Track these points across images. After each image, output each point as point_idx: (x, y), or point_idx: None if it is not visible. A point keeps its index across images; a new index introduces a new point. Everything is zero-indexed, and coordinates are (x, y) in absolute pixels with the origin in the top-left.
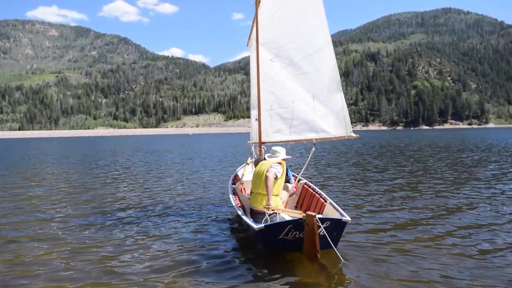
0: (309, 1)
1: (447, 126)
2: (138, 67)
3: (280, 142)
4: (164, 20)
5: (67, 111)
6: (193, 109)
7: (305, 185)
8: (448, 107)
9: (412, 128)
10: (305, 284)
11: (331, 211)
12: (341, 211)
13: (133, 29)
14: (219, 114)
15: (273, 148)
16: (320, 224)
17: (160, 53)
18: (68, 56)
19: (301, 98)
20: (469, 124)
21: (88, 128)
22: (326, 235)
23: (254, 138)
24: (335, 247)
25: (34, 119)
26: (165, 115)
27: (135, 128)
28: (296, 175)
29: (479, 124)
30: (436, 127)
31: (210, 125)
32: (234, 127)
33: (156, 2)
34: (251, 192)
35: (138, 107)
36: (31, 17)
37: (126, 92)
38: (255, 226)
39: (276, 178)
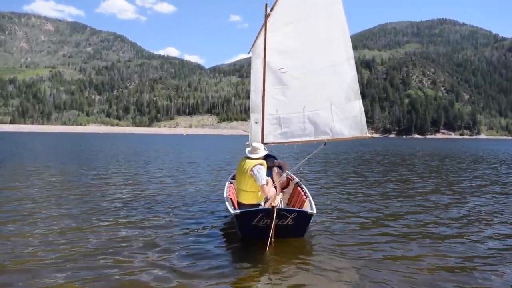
0: (332, 19)
1: (439, 135)
2: (133, 65)
3: (287, 143)
4: (161, 19)
5: (59, 106)
6: (187, 110)
7: (296, 184)
8: (441, 117)
9: (404, 137)
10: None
11: (308, 206)
12: (313, 205)
13: (130, 27)
14: (212, 116)
15: (254, 145)
16: (283, 215)
17: (156, 52)
18: (63, 51)
19: (314, 105)
20: (461, 134)
21: (80, 125)
22: (293, 225)
23: (254, 139)
24: (303, 236)
25: (26, 113)
26: (159, 115)
27: (127, 126)
28: (291, 174)
29: (470, 135)
30: (428, 136)
31: (203, 126)
32: (228, 129)
33: (154, 1)
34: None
35: (132, 105)
36: (27, 10)
37: (120, 89)
38: (232, 211)
39: (263, 185)
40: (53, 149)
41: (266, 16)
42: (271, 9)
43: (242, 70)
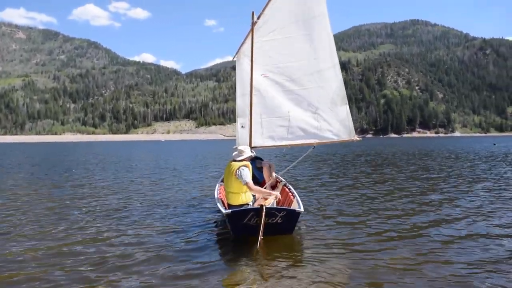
0: (317, 28)
1: (415, 134)
2: (108, 72)
3: (274, 146)
4: (135, 25)
5: (33, 116)
6: (164, 115)
7: (284, 185)
8: (416, 116)
9: (381, 136)
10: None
11: (296, 205)
12: (300, 204)
13: (103, 33)
14: (190, 121)
15: (239, 148)
16: (272, 214)
17: (131, 59)
18: (35, 60)
19: (300, 109)
20: (436, 132)
21: (55, 134)
22: (282, 223)
23: (241, 143)
24: (291, 233)
25: None
26: (135, 121)
27: (104, 134)
28: (279, 177)
29: (445, 133)
30: (405, 135)
31: (181, 132)
32: (206, 133)
33: (128, 7)
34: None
35: (108, 112)
36: None
37: (96, 97)
38: (224, 211)
39: (247, 183)
40: (29, 160)
41: (253, 23)
42: (258, 17)
43: (219, 74)
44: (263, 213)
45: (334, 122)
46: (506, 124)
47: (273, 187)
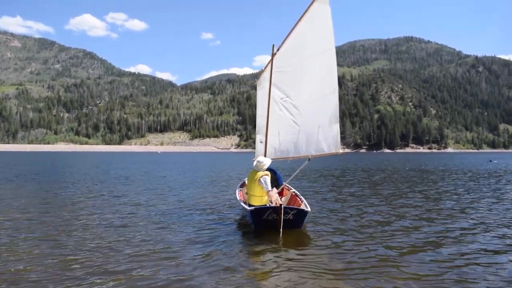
0: (324, 60)
1: (408, 150)
2: (103, 83)
3: (282, 159)
4: (132, 36)
5: (26, 124)
6: (158, 127)
7: (293, 193)
8: (409, 132)
9: (375, 151)
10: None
11: (303, 207)
12: (308, 206)
13: (100, 44)
14: (184, 133)
15: (258, 159)
16: (286, 212)
17: (127, 69)
18: (30, 68)
19: (307, 127)
20: (429, 148)
21: (48, 143)
22: (293, 219)
23: (259, 156)
24: (300, 228)
25: None
26: (129, 132)
27: (97, 144)
28: (288, 185)
29: (438, 149)
30: (398, 150)
31: (175, 144)
32: (200, 146)
33: (125, 18)
34: (247, 193)
35: (102, 123)
36: None
37: (90, 107)
38: (248, 208)
39: (268, 190)
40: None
41: (273, 54)
42: (277, 49)
43: (214, 87)
44: (282, 211)
45: (328, 138)
46: (498, 141)
47: (280, 193)
